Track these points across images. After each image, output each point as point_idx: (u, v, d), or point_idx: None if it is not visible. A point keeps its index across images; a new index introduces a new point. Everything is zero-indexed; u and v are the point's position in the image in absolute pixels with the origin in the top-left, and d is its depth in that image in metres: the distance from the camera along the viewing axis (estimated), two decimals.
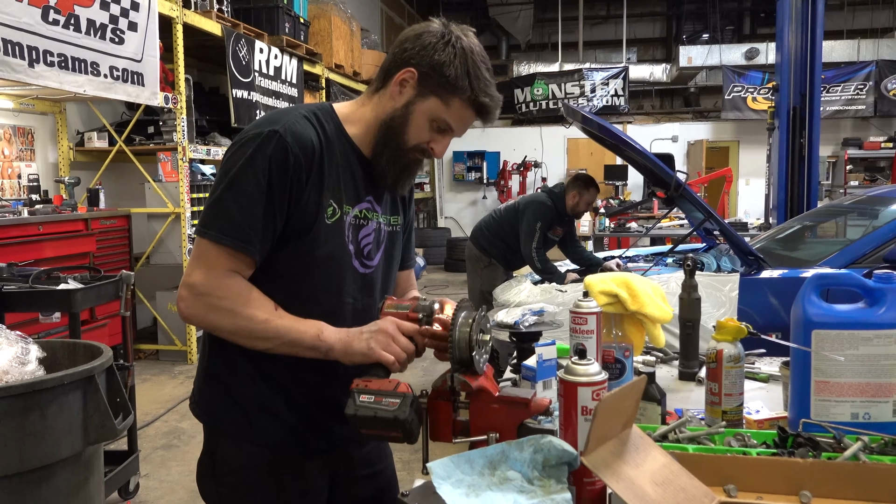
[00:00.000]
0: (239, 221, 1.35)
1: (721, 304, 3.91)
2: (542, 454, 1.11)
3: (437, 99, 1.44)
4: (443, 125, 1.47)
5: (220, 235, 1.36)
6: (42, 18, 4.54)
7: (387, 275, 1.62)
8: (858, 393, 1.44)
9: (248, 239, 1.36)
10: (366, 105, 1.51)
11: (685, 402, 1.86)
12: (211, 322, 1.39)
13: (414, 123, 1.46)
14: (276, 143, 1.36)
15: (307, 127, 1.42)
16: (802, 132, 6.38)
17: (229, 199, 1.36)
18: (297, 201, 1.40)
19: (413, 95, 1.44)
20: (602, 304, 1.83)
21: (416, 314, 1.43)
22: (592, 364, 1.20)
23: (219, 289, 1.36)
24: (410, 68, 1.43)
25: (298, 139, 1.39)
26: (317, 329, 1.39)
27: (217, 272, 1.36)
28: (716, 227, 4.53)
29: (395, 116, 1.46)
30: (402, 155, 1.49)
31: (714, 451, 1.35)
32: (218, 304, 1.36)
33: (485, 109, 1.47)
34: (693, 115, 14.14)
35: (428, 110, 1.45)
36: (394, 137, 1.47)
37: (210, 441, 1.53)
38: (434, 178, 14.70)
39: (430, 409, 1.46)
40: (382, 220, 1.58)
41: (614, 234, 9.12)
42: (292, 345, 1.39)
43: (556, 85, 13.76)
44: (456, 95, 1.43)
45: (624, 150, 4.65)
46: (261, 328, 1.37)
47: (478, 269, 5.36)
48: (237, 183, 1.36)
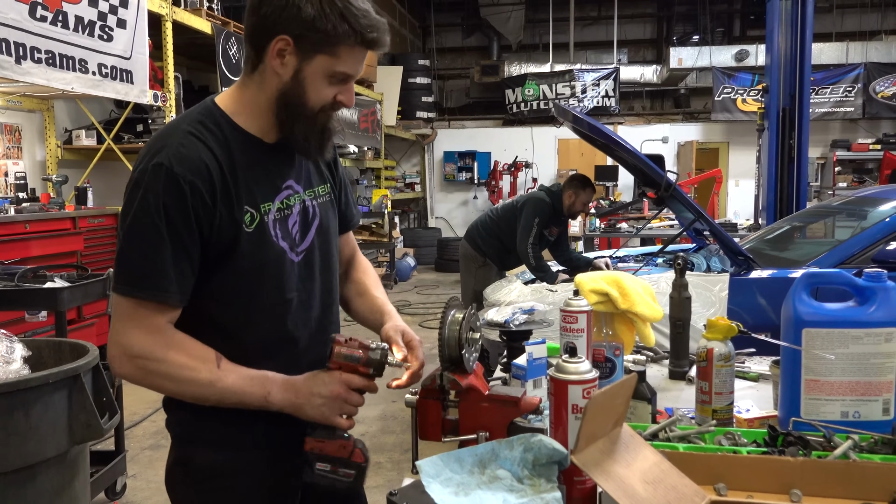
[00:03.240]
0: (146, 271, 1.28)
1: (711, 305, 3.92)
2: (533, 453, 1.10)
3: (323, 56, 1.32)
4: (340, 76, 1.35)
5: (130, 289, 1.29)
6: (29, 15, 4.50)
7: (325, 249, 1.53)
8: (848, 391, 1.44)
9: (161, 286, 1.29)
10: (248, 87, 1.39)
11: (675, 401, 1.86)
12: (152, 384, 1.33)
13: (311, 88, 1.34)
14: (165, 178, 1.27)
15: (195, 145, 1.31)
16: (792, 134, 6.40)
17: (130, 249, 1.30)
18: (210, 225, 1.32)
19: (297, 62, 1.32)
20: (593, 302, 1.82)
21: (368, 369, 1.38)
22: (583, 362, 1.19)
23: (153, 351, 1.29)
24: (282, 35, 1.30)
25: (188, 164, 1.29)
26: (263, 390, 1.34)
27: (146, 328, 1.29)
28: (706, 227, 4.54)
29: (287, 90, 1.35)
30: (314, 122, 1.38)
31: (704, 449, 1.34)
32: (156, 369, 1.30)
33: (374, 43, 1.35)
34: (683, 117, 14.18)
35: (319, 70, 1.33)
36: (297, 110, 1.36)
37: (182, 450, 1.48)
38: (425, 179, 14.69)
39: (419, 409, 1.45)
40: (307, 197, 1.49)
41: (605, 235, 9.14)
42: (239, 405, 1.35)
43: (547, 85, 13.77)
44: (340, 44, 1.31)
45: (615, 150, 4.65)
46: (204, 391, 1.32)
47: (472, 268, 5.35)
48: (134, 230, 1.29)
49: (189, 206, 1.28)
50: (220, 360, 1.33)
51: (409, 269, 11.57)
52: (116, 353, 1.31)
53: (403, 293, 10.07)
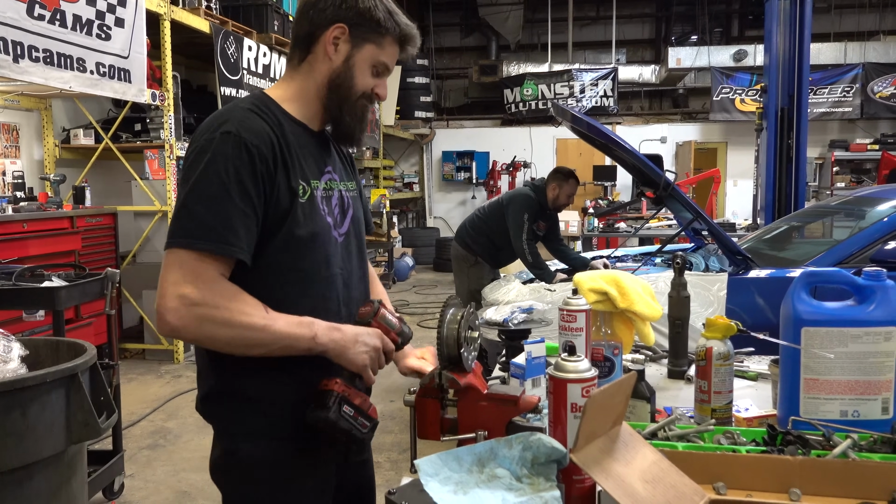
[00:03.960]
0: (212, 224, 1.32)
1: (709, 304, 3.92)
2: (532, 452, 1.10)
3: (371, 45, 1.49)
4: (380, 67, 1.52)
5: (193, 241, 1.32)
6: (27, 13, 4.50)
7: (359, 239, 1.64)
8: (848, 390, 1.44)
9: (226, 239, 1.33)
10: (295, 79, 1.53)
11: (674, 400, 1.86)
12: (205, 333, 1.34)
13: (358, 73, 1.50)
14: (233, 142, 1.35)
15: (256, 119, 1.41)
16: (790, 134, 6.41)
17: (195, 205, 1.33)
18: (271, 191, 1.39)
19: (350, 48, 1.48)
20: (591, 301, 1.82)
21: (398, 338, 1.50)
22: (582, 361, 1.19)
23: (212, 297, 1.32)
24: (338, 24, 1.46)
25: (253, 132, 1.38)
26: (311, 331, 1.39)
27: (205, 279, 1.32)
28: (704, 227, 4.53)
29: (338, 74, 1.49)
30: (356, 107, 1.53)
31: (703, 448, 1.34)
32: (212, 315, 1.32)
33: (412, 40, 1.54)
34: (682, 117, 14.18)
35: (367, 57, 1.49)
36: (345, 93, 1.50)
37: (227, 440, 1.51)
38: (423, 178, 14.68)
39: (418, 407, 1.45)
40: (342, 188, 1.59)
41: (603, 235, 9.14)
42: (287, 349, 1.38)
43: (545, 85, 13.76)
44: (388, 35, 1.50)
45: (613, 149, 4.64)
46: (258, 336, 1.35)
47: (464, 268, 5.36)
48: (201, 188, 1.33)
49: (257, 170, 1.36)
50: (266, 308, 1.38)
51: (407, 269, 11.56)
52: (174, 304, 1.31)
53: (402, 293, 10.06)
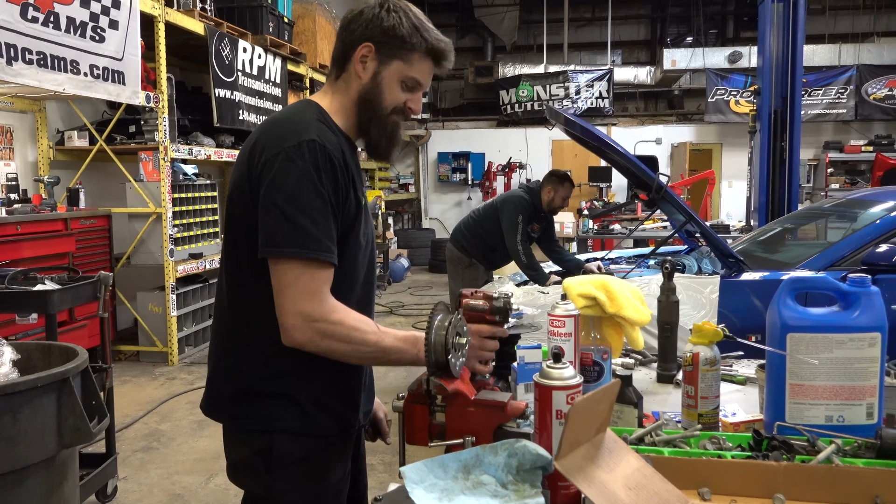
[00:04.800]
0: (317, 235, 1.41)
1: (701, 307, 3.93)
2: (517, 458, 1.11)
3: (399, 61, 1.55)
4: (411, 82, 1.57)
5: (304, 251, 1.40)
6: (21, 16, 4.49)
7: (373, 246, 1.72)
8: (833, 396, 1.45)
9: (331, 250, 1.43)
10: (336, 94, 1.60)
11: (663, 404, 1.87)
12: (326, 347, 1.44)
13: (387, 89, 1.56)
14: (321, 152, 1.43)
15: (329, 133, 1.50)
16: (784, 135, 6.43)
17: (298, 214, 1.40)
18: (345, 201, 1.48)
19: (377, 66, 1.55)
20: (580, 306, 1.83)
21: (494, 316, 1.54)
22: (567, 368, 1.20)
23: (330, 314, 1.42)
24: (366, 43, 1.53)
25: (333, 145, 1.47)
26: (415, 349, 1.48)
27: (322, 296, 1.42)
28: (697, 229, 4.55)
29: (367, 91, 1.56)
30: (386, 123, 1.59)
31: (689, 454, 1.35)
32: (332, 331, 1.42)
33: (442, 54, 1.58)
34: (677, 118, 14.22)
35: (395, 73, 1.55)
36: (374, 109, 1.57)
37: (259, 439, 1.54)
38: (419, 179, 14.69)
39: (406, 413, 1.45)
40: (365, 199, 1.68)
41: (598, 236, 9.16)
42: (393, 363, 1.50)
43: (541, 86, 13.78)
44: (414, 51, 1.54)
45: (606, 152, 4.66)
46: (370, 351, 1.46)
47: (459, 269, 5.37)
48: (300, 197, 1.41)
49: (339, 180, 1.46)
50: (377, 324, 1.49)
51: (402, 270, 11.56)
52: (297, 322, 1.40)
53: (397, 294, 10.06)
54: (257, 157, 1.47)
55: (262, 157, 1.46)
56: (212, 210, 7.30)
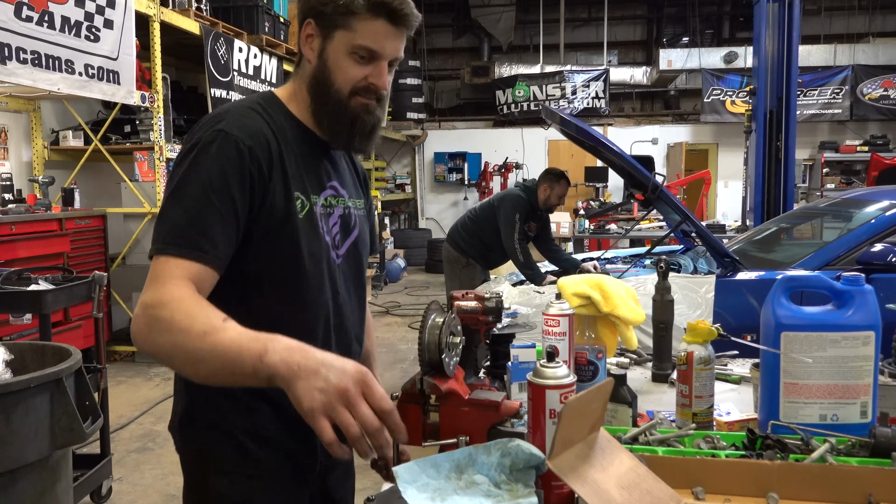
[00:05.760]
0: (184, 227, 1.20)
1: (697, 306, 3.93)
2: (510, 458, 1.10)
3: (340, 30, 1.32)
4: (363, 52, 1.33)
5: (164, 246, 1.20)
6: (15, 15, 4.48)
7: (359, 262, 1.52)
8: (826, 394, 1.44)
9: (198, 245, 1.20)
10: (296, 80, 1.43)
11: (658, 403, 1.87)
12: (153, 341, 1.14)
13: (335, 67, 1.34)
14: (221, 141, 1.26)
15: (255, 118, 1.32)
16: (779, 135, 6.44)
17: (172, 208, 1.23)
18: (263, 197, 1.29)
19: (321, 43, 1.35)
20: (575, 305, 1.82)
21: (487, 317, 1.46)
22: (561, 367, 1.19)
23: (161, 296, 1.14)
24: (307, 20, 1.36)
25: (248, 131, 1.29)
26: (262, 347, 1.05)
27: (164, 279, 1.17)
28: (692, 229, 4.55)
29: (315, 73, 1.36)
30: (344, 105, 1.36)
31: (683, 453, 1.35)
32: (158, 316, 1.12)
33: (390, 9, 1.31)
34: (673, 118, 14.23)
35: (340, 46, 1.33)
36: (324, 91, 1.36)
37: (198, 472, 1.39)
38: (415, 179, 14.68)
39: (399, 413, 1.44)
40: (350, 205, 1.49)
41: (594, 236, 9.16)
42: (230, 368, 1.07)
43: (537, 86, 13.78)
44: (354, 14, 1.31)
45: (602, 152, 4.66)
46: (195, 346, 1.09)
47: (456, 269, 5.37)
48: (180, 190, 1.24)
49: (246, 170, 1.26)
50: (227, 319, 1.12)
51: (399, 271, 11.55)
52: (138, 311, 1.17)
53: (393, 294, 10.05)
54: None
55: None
56: None
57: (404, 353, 6.66)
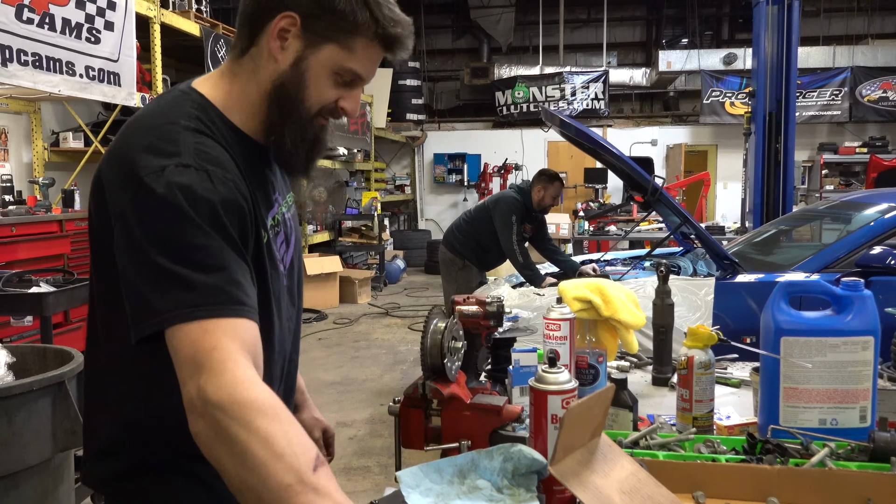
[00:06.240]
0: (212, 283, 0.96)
1: (696, 309, 3.94)
2: (512, 463, 1.11)
3: (333, 45, 1.10)
4: (348, 76, 1.13)
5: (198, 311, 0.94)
6: (16, 17, 4.48)
7: (299, 272, 1.33)
8: (826, 399, 1.45)
9: (241, 299, 0.98)
10: (237, 77, 1.15)
11: (658, 407, 1.87)
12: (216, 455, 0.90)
13: (313, 82, 1.11)
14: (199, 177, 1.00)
15: (210, 143, 1.07)
16: (778, 137, 6.45)
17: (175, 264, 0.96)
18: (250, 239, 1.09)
19: (301, 48, 1.10)
20: (576, 310, 1.83)
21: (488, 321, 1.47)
22: (562, 372, 1.20)
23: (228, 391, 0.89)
24: (287, 12, 1.08)
25: (217, 163, 1.04)
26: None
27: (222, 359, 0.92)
28: (692, 231, 4.56)
29: (284, 81, 1.11)
30: (309, 126, 1.15)
31: (684, 457, 1.36)
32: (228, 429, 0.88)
33: (397, 43, 1.13)
34: (672, 119, 14.25)
35: (326, 62, 1.11)
36: (292, 106, 1.12)
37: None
38: (414, 181, 14.69)
39: (401, 417, 1.46)
40: (284, 209, 1.27)
41: (593, 238, 9.17)
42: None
43: (536, 88, 13.80)
44: (357, 35, 1.10)
45: (601, 154, 4.67)
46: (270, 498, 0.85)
47: (452, 271, 5.38)
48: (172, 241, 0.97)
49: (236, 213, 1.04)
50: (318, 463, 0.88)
51: (398, 272, 11.56)
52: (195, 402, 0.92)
53: (393, 295, 10.06)
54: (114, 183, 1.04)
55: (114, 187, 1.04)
56: None
57: (404, 354, 6.66)
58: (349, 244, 10.55)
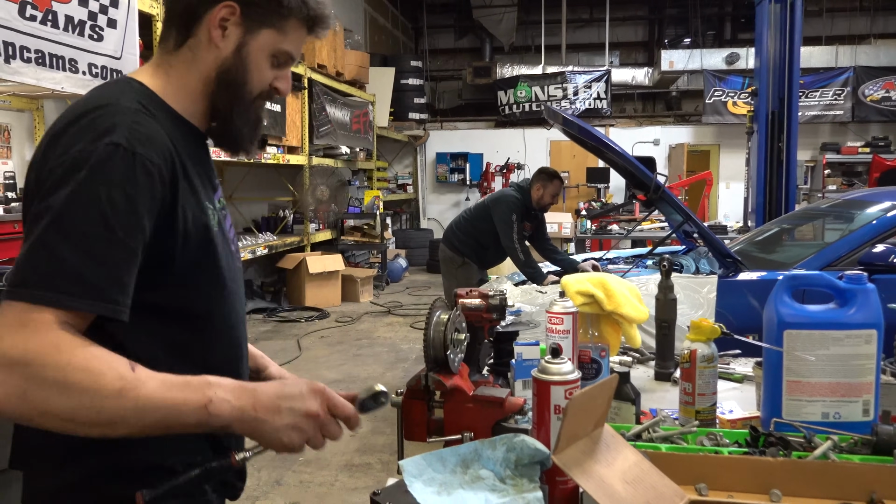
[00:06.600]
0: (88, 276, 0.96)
1: (699, 307, 3.94)
2: (515, 453, 1.11)
3: (270, 30, 1.18)
4: (283, 57, 1.22)
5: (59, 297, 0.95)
6: (19, 14, 4.49)
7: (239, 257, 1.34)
8: (829, 392, 1.45)
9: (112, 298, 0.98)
10: (174, 68, 1.19)
11: (661, 402, 1.87)
12: (32, 405, 0.92)
13: (254, 66, 1.19)
14: (125, 162, 1.01)
15: (150, 123, 1.08)
16: (781, 136, 6.45)
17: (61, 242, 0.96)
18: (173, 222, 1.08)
19: (241, 34, 1.17)
20: (578, 304, 1.83)
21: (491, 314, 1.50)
22: (566, 363, 1.20)
23: (47, 354, 0.92)
24: (227, 2, 1.15)
25: (153, 145, 1.05)
26: (203, 396, 0.98)
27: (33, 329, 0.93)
28: (694, 229, 4.56)
29: (228, 67, 1.18)
30: (252, 108, 1.23)
31: (686, 450, 1.36)
32: (44, 377, 0.91)
33: (323, 20, 1.24)
34: (675, 119, 14.25)
35: (265, 46, 1.19)
36: (237, 91, 1.20)
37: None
38: (417, 180, 14.70)
39: (404, 409, 1.46)
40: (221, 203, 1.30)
41: (596, 237, 9.17)
42: (164, 424, 0.97)
43: (539, 87, 13.81)
44: (291, 17, 1.19)
45: (604, 152, 4.67)
46: (111, 407, 0.93)
47: (452, 269, 5.39)
48: (70, 221, 0.97)
49: (156, 198, 1.04)
50: (133, 365, 0.97)
51: (400, 271, 11.57)
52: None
53: (395, 294, 10.07)
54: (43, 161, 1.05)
55: (47, 163, 1.04)
56: None
57: (406, 352, 6.67)
58: (351, 243, 10.56)
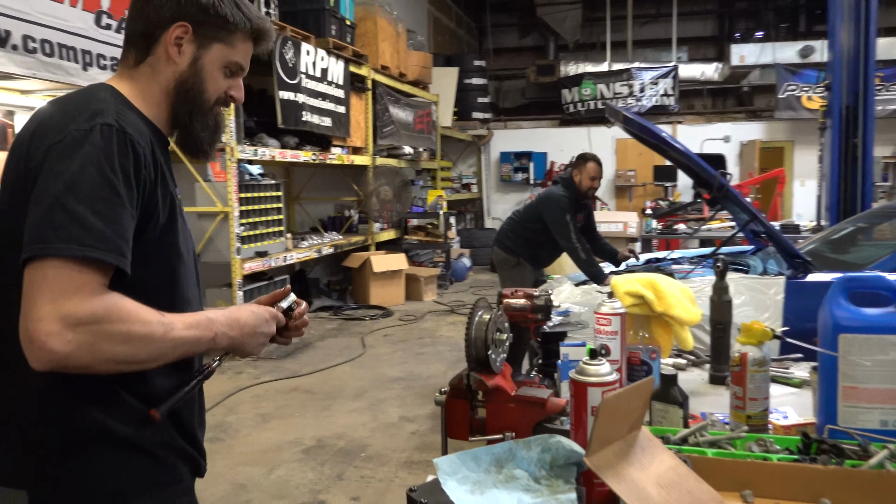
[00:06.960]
0: (102, 229, 1.10)
1: (765, 308, 3.82)
2: (550, 454, 1.11)
3: (220, 44, 1.34)
4: (234, 67, 1.38)
5: (82, 248, 1.08)
6: (95, 23, 4.70)
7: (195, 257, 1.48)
8: (887, 399, 1.40)
9: (120, 250, 1.13)
10: (136, 80, 1.33)
11: (714, 405, 1.83)
12: (99, 355, 1.09)
13: (208, 77, 1.35)
14: (119, 138, 1.16)
15: (130, 114, 1.25)
16: (856, 132, 6.19)
17: (77, 207, 1.10)
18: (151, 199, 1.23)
19: (195, 49, 1.33)
20: (627, 305, 1.81)
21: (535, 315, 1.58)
22: (603, 365, 1.19)
23: (108, 312, 1.09)
24: (180, 22, 1.30)
25: (135, 129, 1.21)
26: (210, 332, 1.22)
27: (89, 291, 1.09)
28: (761, 228, 4.42)
29: (185, 79, 1.33)
30: (209, 114, 1.39)
31: (733, 455, 1.33)
32: (110, 330, 1.09)
33: (266, 33, 1.41)
34: (746, 115, 13.84)
35: (217, 59, 1.35)
36: (195, 100, 1.35)
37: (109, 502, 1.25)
38: (481, 179, 14.71)
39: (447, 407, 1.47)
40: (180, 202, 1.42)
41: (662, 236, 8.98)
42: (184, 356, 1.22)
43: (604, 85, 13.63)
44: (237, 31, 1.35)
45: (667, 150, 4.57)
46: (159, 347, 1.15)
47: (507, 270, 5.38)
48: (83, 188, 1.11)
49: (141, 172, 1.19)
50: (162, 312, 1.18)
51: (464, 270, 11.59)
52: (55, 327, 1.05)
53: (459, 293, 10.10)
54: (37, 145, 1.18)
55: (42, 144, 1.17)
56: (276, 209, 7.47)
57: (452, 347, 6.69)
58: (415, 242, 10.64)
